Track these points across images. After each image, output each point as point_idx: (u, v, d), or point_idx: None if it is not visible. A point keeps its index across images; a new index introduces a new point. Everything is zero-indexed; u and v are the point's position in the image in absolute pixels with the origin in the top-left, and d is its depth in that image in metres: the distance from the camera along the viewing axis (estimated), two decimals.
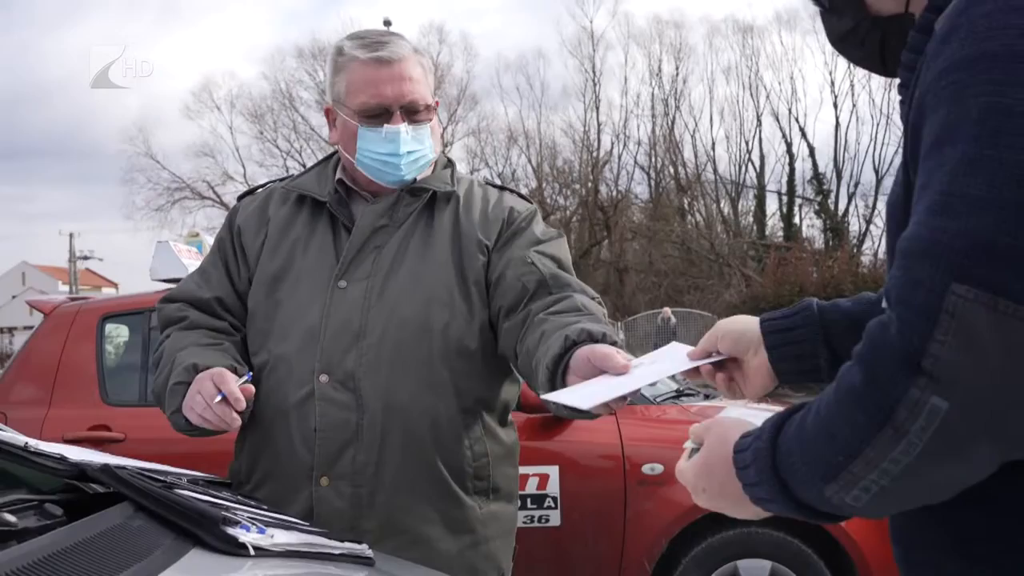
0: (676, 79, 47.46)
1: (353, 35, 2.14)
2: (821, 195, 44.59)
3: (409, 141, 2.07)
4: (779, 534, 4.05)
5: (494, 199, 2.18)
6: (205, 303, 2.16)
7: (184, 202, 46.66)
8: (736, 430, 1.15)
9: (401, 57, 2.06)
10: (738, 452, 1.11)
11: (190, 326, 2.13)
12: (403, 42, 2.10)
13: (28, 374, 4.70)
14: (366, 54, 2.06)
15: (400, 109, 2.06)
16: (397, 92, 2.05)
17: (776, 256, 24.28)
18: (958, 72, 0.98)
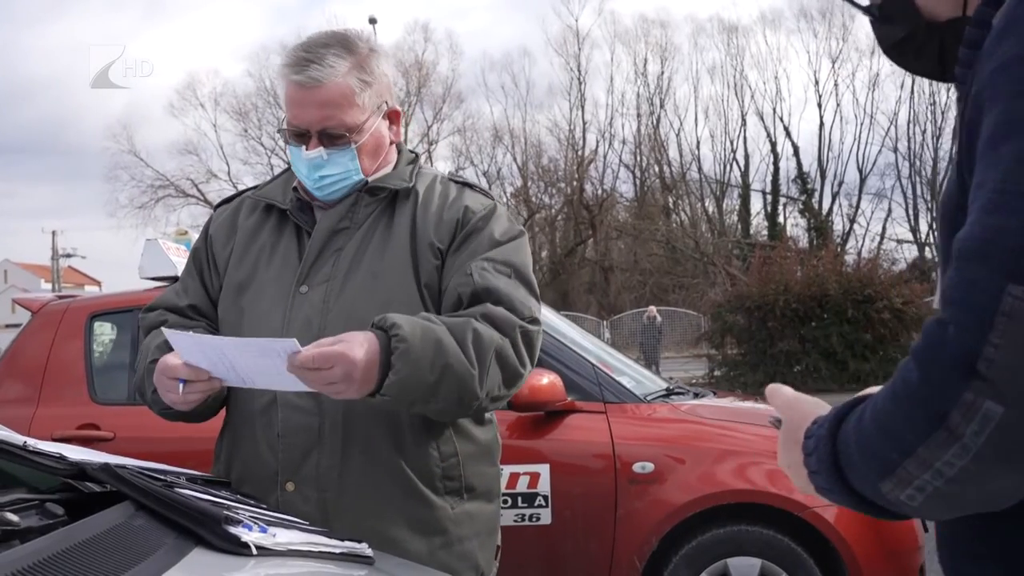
0: (661, 78, 47.64)
1: (292, 49, 2.07)
2: (805, 194, 44.81)
3: (323, 166, 2.05)
4: (769, 532, 4.06)
5: (451, 198, 2.13)
6: (181, 311, 2.19)
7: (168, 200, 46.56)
8: (813, 413, 1.15)
9: (321, 81, 2.00)
10: (806, 438, 1.11)
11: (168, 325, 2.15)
12: (333, 59, 2.01)
13: (16, 372, 4.67)
14: (291, 74, 2.02)
15: (317, 133, 2.03)
16: (313, 118, 2.02)
17: (761, 255, 24.27)
18: (1015, 68, 0.96)
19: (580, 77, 47.93)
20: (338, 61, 2.01)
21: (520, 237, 2.12)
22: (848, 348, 19.17)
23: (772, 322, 19.46)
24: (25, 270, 69.49)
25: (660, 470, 4.08)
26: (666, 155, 48.03)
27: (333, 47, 2.03)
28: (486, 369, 1.90)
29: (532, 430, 4.16)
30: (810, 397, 1.22)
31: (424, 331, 1.85)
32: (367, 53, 2.07)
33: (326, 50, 2.02)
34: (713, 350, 21.49)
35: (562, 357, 4.33)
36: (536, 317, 2.02)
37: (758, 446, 4.20)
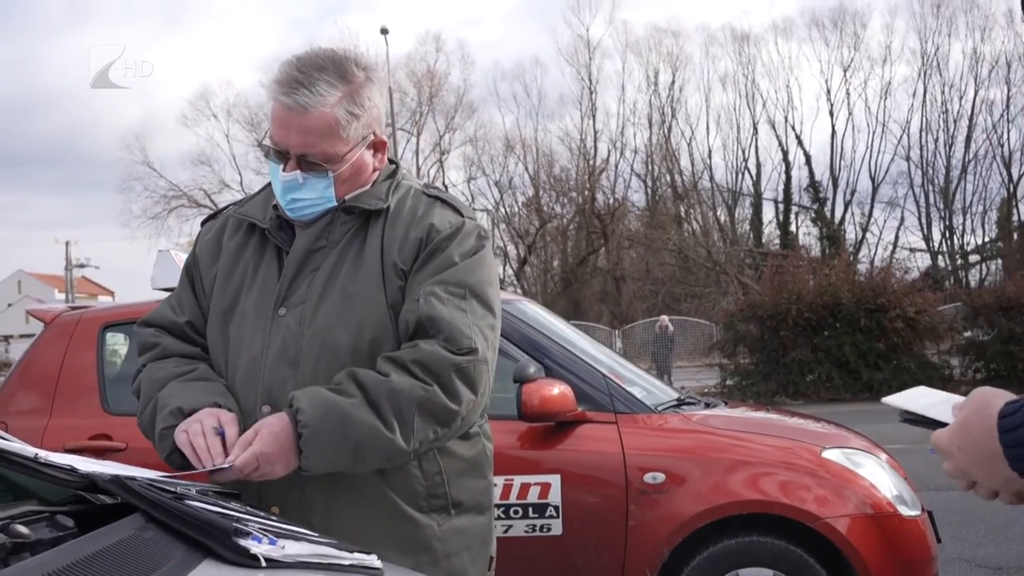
0: (673, 87, 47.69)
1: (286, 63, 2.04)
2: (817, 203, 44.75)
3: (297, 189, 2.04)
4: (781, 543, 4.05)
5: (419, 214, 2.10)
6: (179, 328, 2.19)
7: (181, 210, 46.76)
8: (1000, 398, 1.17)
9: (307, 108, 1.97)
10: (1006, 416, 1.13)
11: (163, 354, 2.16)
12: (325, 87, 1.98)
13: (29, 383, 4.69)
14: (279, 93, 1.99)
15: (296, 157, 2.02)
16: (294, 142, 2.01)
17: (773, 264, 24.24)
18: None
19: (591, 87, 48.04)
20: (329, 90, 1.98)
21: (479, 252, 2.10)
22: (861, 357, 19.12)
23: (785, 331, 19.42)
24: (39, 280, 69.79)
25: (671, 481, 4.07)
26: (678, 164, 48.07)
27: (328, 72, 1.99)
28: (409, 425, 1.91)
29: (543, 441, 4.16)
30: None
31: (328, 409, 1.88)
32: (361, 82, 2.04)
33: (320, 74, 1.98)
34: (725, 359, 21.45)
35: (572, 367, 4.32)
36: (475, 347, 1.99)
37: (770, 456, 4.18)
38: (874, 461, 4.31)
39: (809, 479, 4.11)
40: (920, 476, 5.87)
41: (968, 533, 7.01)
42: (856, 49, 45.97)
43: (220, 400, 2.00)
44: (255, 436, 1.86)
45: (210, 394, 2.02)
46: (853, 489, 4.10)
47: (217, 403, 1.99)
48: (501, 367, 3.96)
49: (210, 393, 2.02)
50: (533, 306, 5.07)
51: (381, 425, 1.89)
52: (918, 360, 19.75)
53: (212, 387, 2.05)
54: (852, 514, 4.04)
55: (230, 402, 2.03)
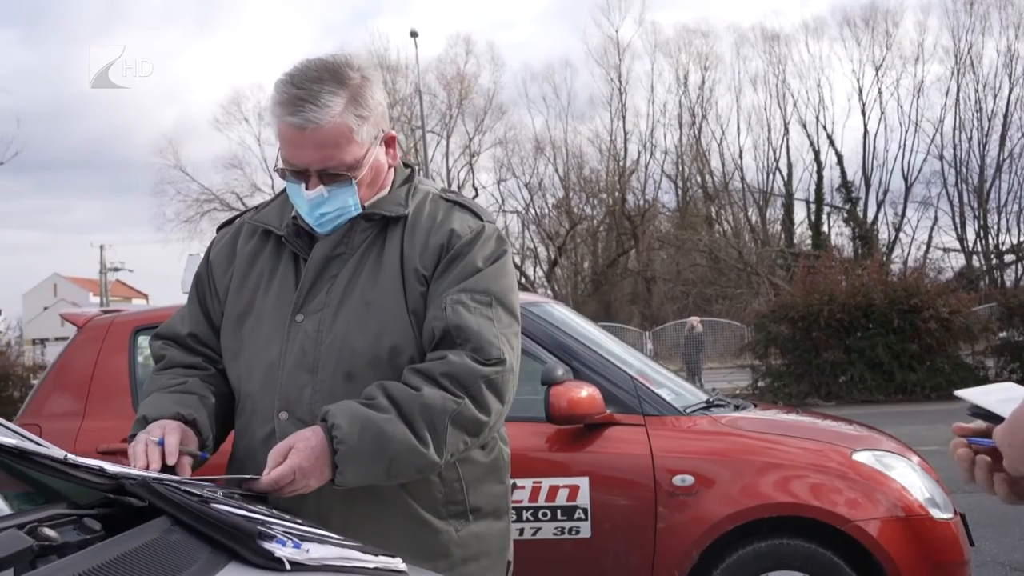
0: (703, 88, 47.49)
1: (282, 83, 2.00)
2: (850, 203, 44.40)
3: (323, 203, 2.04)
4: (811, 545, 4.02)
5: (439, 219, 2.09)
6: (183, 339, 2.21)
7: (213, 213, 47.07)
8: None
9: (318, 123, 1.95)
10: None
11: (167, 365, 2.18)
12: (328, 97, 1.96)
13: (62, 386, 4.75)
14: (284, 115, 1.97)
15: (317, 172, 2.01)
16: (311, 159, 2.00)
17: (805, 265, 24.07)
18: None
19: (621, 88, 47.92)
20: (332, 99, 1.97)
21: (502, 258, 2.10)
22: (894, 358, 18.96)
23: (817, 332, 19.30)
24: (74, 284, 70.51)
25: (700, 483, 4.06)
26: (708, 165, 47.86)
27: (326, 82, 1.98)
28: (441, 439, 1.92)
29: (571, 443, 4.16)
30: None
31: (364, 426, 1.88)
32: (359, 83, 2.02)
33: (319, 86, 1.96)
34: (757, 361, 21.33)
35: (601, 369, 4.32)
36: (503, 358, 1.99)
37: (800, 459, 4.16)
38: (905, 463, 4.28)
39: (840, 481, 4.09)
40: (953, 478, 5.80)
41: (1003, 536, 6.93)
42: (888, 48, 45.61)
43: (183, 411, 2.01)
44: (289, 449, 1.86)
45: (176, 404, 2.03)
46: (884, 492, 4.07)
47: (180, 413, 2.00)
48: (529, 369, 3.98)
49: (177, 404, 2.03)
50: (561, 308, 5.07)
51: (415, 440, 1.90)
52: (952, 361, 19.55)
53: (183, 399, 2.06)
54: (883, 517, 4.01)
55: (197, 413, 2.03)
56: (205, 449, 2.04)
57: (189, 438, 1.98)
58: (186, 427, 1.99)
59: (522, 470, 3.96)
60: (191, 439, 1.99)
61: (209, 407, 2.07)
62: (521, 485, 4.03)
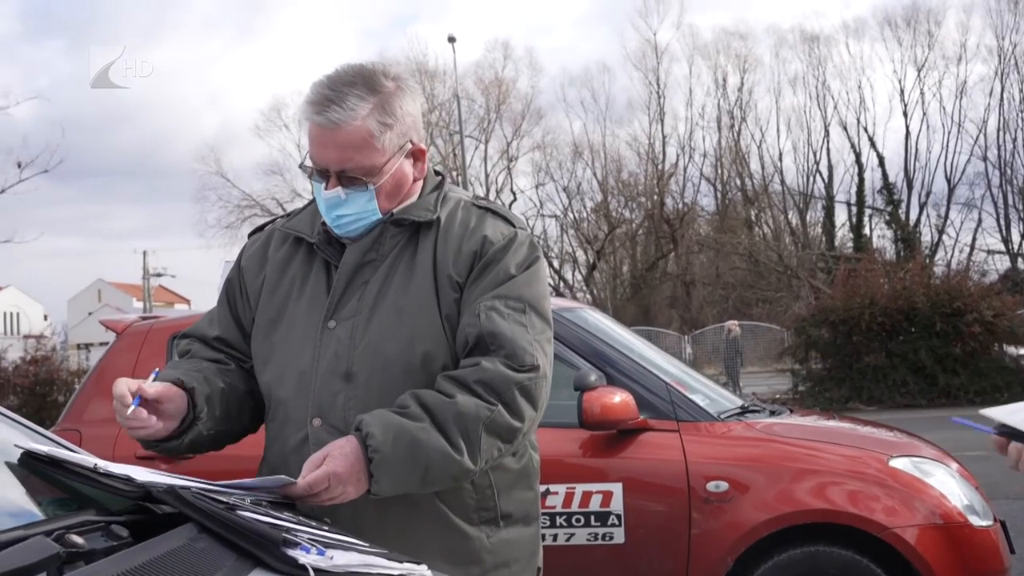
0: (742, 90, 47.24)
1: (317, 84, 2.04)
2: (892, 205, 43.94)
3: (341, 205, 2.05)
4: (848, 553, 3.99)
5: (472, 226, 2.10)
6: (209, 341, 2.23)
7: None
8: None
9: (340, 124, 1.99)
10: None
11: (189, 358, 2.21)
12: (355, 101, 1.99)
13: (102, 392, 4.80)
14: (312, 113, 2.01)
15: (336, 174, 2.04)
16: (331, 159, 2.03)
17: (846, 267, 23.84)
18: None
19: (659, 91, 47.77)
20: (359, 103, 1.99)
21: (535, 264, 2.10)
22: (937, 362, 18.72)
23: (858, 336, 19.10)
24: (118, 289, 71.38)
25: (735, 489, 4.04)
26: (747, 167, 47.58)
27: (357, 86, 2.01)
28: (476, 446, 1.93)
29: (604, 449, 4.15)
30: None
31: (398, 434, 1.89)
32: (392, 91, 2.04)
33: (349, 89, 2.00)
34: (797, 365, 21.16)
35: (634, 375, 4.31)
36: (537, 364, 2.00)
37: (836, 465, 4.13)
38: (944, 470, 4.23)
39: (876, 488, 4.05)
40: (994, 485, 5.73)
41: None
42: (930, 48, 45.10)
43: (184, 378, 2.03)
44: (324, 458, 1.87)
45: (180, 374, 2.04)
46: (922, 499, 4.03)
47: (180, 379, 2.02)
48: (562, 375, 3.98)
49: (181, 374, 2.05)
50: (594, 313, 5.06)
51: (450, 448, 1.91)
52: (996, 364, 19.28)
53: (190, 373, 2.07)
54: (921, 524, 3.97)
55: (199, 385, 2.04)
56: (198, 421, 2.03)
57: (176, 398, 1.99)
58: (179, 390, 2.01)
59: (556, 476, 3.97)
60: (179, 402, 2.00)
61: (215, 389, 2.08)
62: (554, 491, 4.03)
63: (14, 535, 1.33)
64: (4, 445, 1.78)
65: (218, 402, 2.09)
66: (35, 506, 1.70)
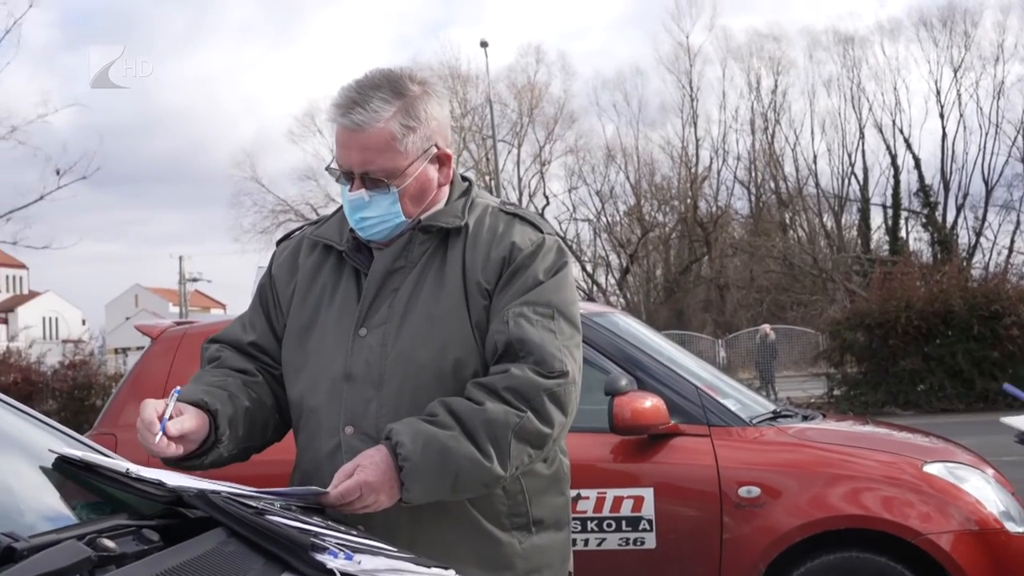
0: (775, 92, 46.88)
1: (344, 87, 2.07)
2: (928, 207, 43.49)
3: (364, 207, 2.06)
4: (882, 559, 3.96)
5: (500, 232, 2.10)
6: (243, 346, 2.22)
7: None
8: None
9: (363, 126, 2.00)
10: None
11: (217, 366, 2.20)
12: (379, 103, 2.01)
13: (138, 396, 4.83)
14: (337, 115, 2.03)
15: (360, 176, 2.05)
16: (354, 161, 2.04)
17: (882, 270, 23.67)
18: None
19: (692, 94, 47.52)
20: (383, 106, 2.01)
21: (563, 270, 2.10)
22: (975, 366, 18.51)
23: (894, 340, 18.93)
24: (155, 294, 72.05)
25: (767, 494, 4.02)
26: (782, 170, 47.22)
27: (383, 89, 2.02)
28: (505, 453, 1.93)
29: (635, 453, 4.15)
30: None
31: (427, 443, 1.90)
32: (418, 95, 2.05)
33: (375, 92, 2.01)
34: (832, 369, 20.99)
35: (665, 380, 4.30)
36: (566, 370, 2.00)
37: (869, 470, 4.10)
38: (979, 476, 4.19)
39: (911, 494, 4.02)
40: None
41: None
42: (967, 48, 44.55)
43: (207, 399, 2.01)
44: (356, 468, 1.89)
45: (203, 393, 2.02)
46: (957, 505, 3.99)
47: (204, 400, 2.00)
48: (593, 379, 3.97)
49: (204, 393, 2.03)
50: (625, 318, 5.06)
51: (479, 455, 1.92)
52: None
53: (213, 391, 2.05)
54: (956, 530, 3.93)
55: (222, 407, 2.02)
56: (219, 444, 2.02)
57: (198, 428, 1.97)
58: (202, 414, 1.99)
59: (586, 480, 3.96)
60: (200, 429, 1.98)
61: (239, 408, 2.07)
62: (585, 495, 4.03)
63: (47, 539, 1.35)
64: (39, 450, 1.80)
65: (241, 422, 2.08)
66: (68, 510, 1.73)
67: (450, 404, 1.96)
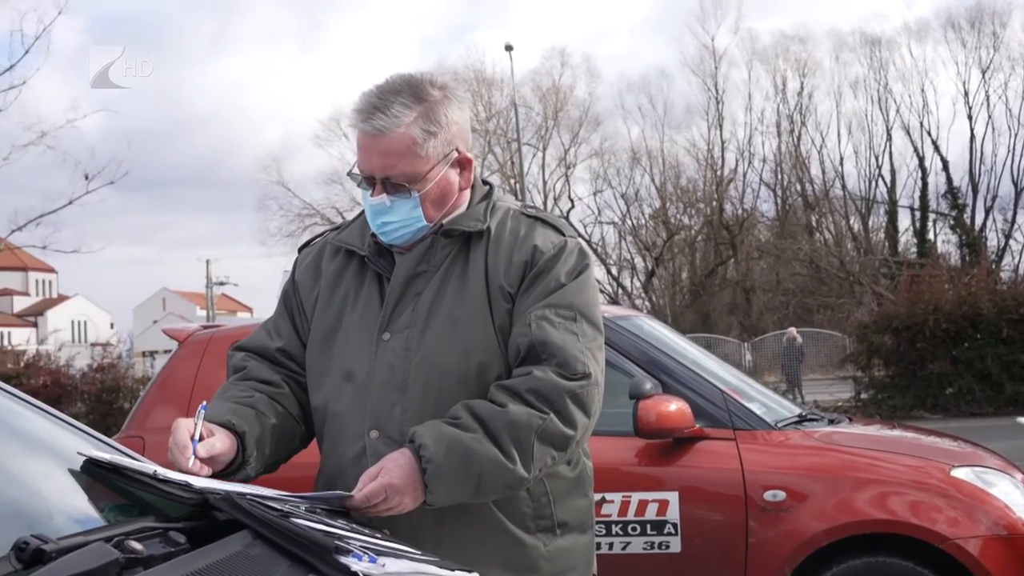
0: (801, 95, 46.63)
1: (366, 93, 2.08)
2: (956, 210, 43.14)
3: (386, 212, 2.07)
4: (908, 564, 3.93)
5: (522, 235, 2.11)
6: (270, 353, 2.23)
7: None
8: None
9: (383, 131, 2.02)
10: None
11: (243, 377, 2.20)
12: (399, 109, 2.02)
13: (165, 399, 4.89)
14: (358, 121, 2.04)
15: (381, 180, 2.06)
16: (376, 166, 2.05)
17: (909, 273, 23.46)
18: None
19: (718, 96, 47.33)
20: (404, 111, 2.02)
21: (584, 272, 2.10)
22: (1004, 369, 18.32)
23: (922, 343, 18.76)
24: (182, 298, 72.56)
25: (792, 498, 4.00)
26: (808, 173, 46.95)
27: (403, 94, 2.03)
28: (528, 455, 1.94)
29: (660, 457, 4.14)
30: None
31: (451, 445, 1.91)
32: (438, 100, 2.06)
33: (395, 97, 2.03)
34: (859, 372, 20.85)
35: (690, 383, 4.29)
36: (589, 372, 2.00)
37: (895, 474, 4.08)
38: (1008, 480, 4.16)
39: (938, 498, 3.99)
40: None
41: None
42: (995, 49, 44.13)
43: (235, 420, 2.01)
44: (380, 471, 1.90)
45: (231, 413, 2.02)
46: (985, 509, 3.96)
47: (231, 422, 2.00)
48: (617, 383, 3.97)
49: (232, 413, 2.02)
50: (650, 321, 5.05)
51: (503, 457, 1.93)
52: None
53: (241, 411, 2.05)
54: (984, 535, 3.90)
55: (249, 428, 2.02)
56: (247, 465, 2.02)
57: (225, 451, 1.97)
58: (231, 436, 1.99)
59: (611, 484, 3.96)
60: (228, 451, 1.97)
61: (266, 427, 2.07)
62: (610, 499, 4.03)
63: (75, 541, 1.37)
64: (68, 452, 1.82)
65: (268, 441, 2.08)
66: (96, 512, 1.74)
67: (473, 407, 1.97)
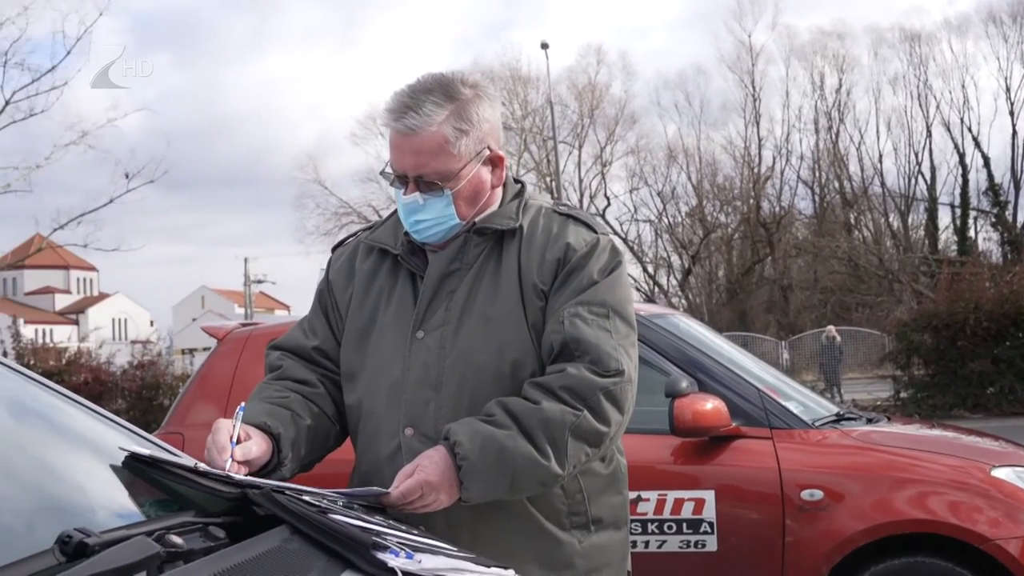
0: (840, 91, 46.27)
1: (398, 92, 2.10)
2: (998, 207, 42.61)
3: (419, 210, 2.08)
4: (947, 564, 3.90)
5: (554, 233, 2.12)
6: (306, 351, 2.24)
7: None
8: None
9: (416, 130, 2.03)
10: None
11: (279, 377, 2.22)
12: (431, 107, 2.04)
13: (204, 396, 4.94)
14: (391, 120, 2.07)
15: (414, 179, 2.07)
16: (408, 165, 2.07)
17: (950, 271, 23.20)
18: None
19: (755, 93, 47.07)
20: (435, 109, 2.03)
21: (617, 269, 2.11)
22: None
23: (962, 341, 18.55)
24: (221, 296, 73.15)
25: (830, 497, 3.98)
26: (846, 170, 46.57)
27: (434, 92, 2.05)
28: (562, 452, 1.95)
29: (696, 456, 4.13)
30: None
31: (485, 442, 1.92)
32: (470, 98, 2.08)
33: (427, 96, 2.04)
34: (899, 371, 20.66)
35: (726, 381, 4.27)
36: (622, 369, 2.01)
37: (934, 474, 4.04)
38: None
39: (978, 498, 3.95)
40: None
41: None
42: None
43: (271, 423, 2.02)
44: (415, 468, 1.92)
45: (267, 415, 2.04)
46: None
47: (267, 424, 2.02)
48: (653, 381, 3.97)
49: (268, 415, 2.04)
50: (686, 319, 5.04)
51: (537, 454, 1.94)
52: None
53: (277, 412, 2.06)
54: None
55: (285, 430, 2.03)
56: (282, 466, 2.04)
57: (261, 455, 1.98)
58: (267, 438, 2.01)
59: (647, 482, 3.96)
60: (263, 454, 1.99)
61: (301, 428, 2.09)
62: (646, 497, 4.02)
63: (117, 535, 1.39)
64: (110, 448, 1.85)
65: (303, 442, 2.10)
66: (137, 507, 1.77)
67: (507, 404, 1.98)
